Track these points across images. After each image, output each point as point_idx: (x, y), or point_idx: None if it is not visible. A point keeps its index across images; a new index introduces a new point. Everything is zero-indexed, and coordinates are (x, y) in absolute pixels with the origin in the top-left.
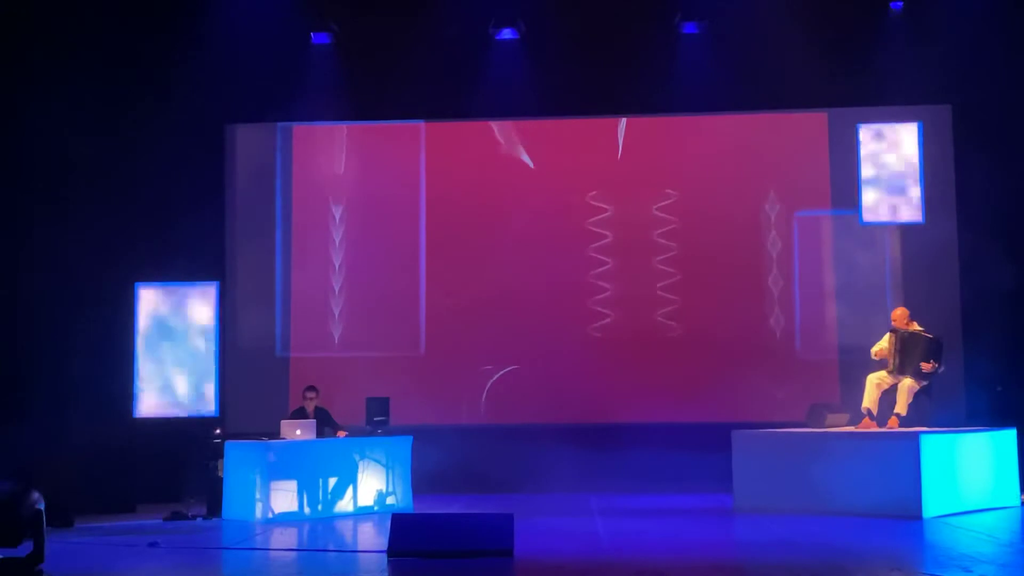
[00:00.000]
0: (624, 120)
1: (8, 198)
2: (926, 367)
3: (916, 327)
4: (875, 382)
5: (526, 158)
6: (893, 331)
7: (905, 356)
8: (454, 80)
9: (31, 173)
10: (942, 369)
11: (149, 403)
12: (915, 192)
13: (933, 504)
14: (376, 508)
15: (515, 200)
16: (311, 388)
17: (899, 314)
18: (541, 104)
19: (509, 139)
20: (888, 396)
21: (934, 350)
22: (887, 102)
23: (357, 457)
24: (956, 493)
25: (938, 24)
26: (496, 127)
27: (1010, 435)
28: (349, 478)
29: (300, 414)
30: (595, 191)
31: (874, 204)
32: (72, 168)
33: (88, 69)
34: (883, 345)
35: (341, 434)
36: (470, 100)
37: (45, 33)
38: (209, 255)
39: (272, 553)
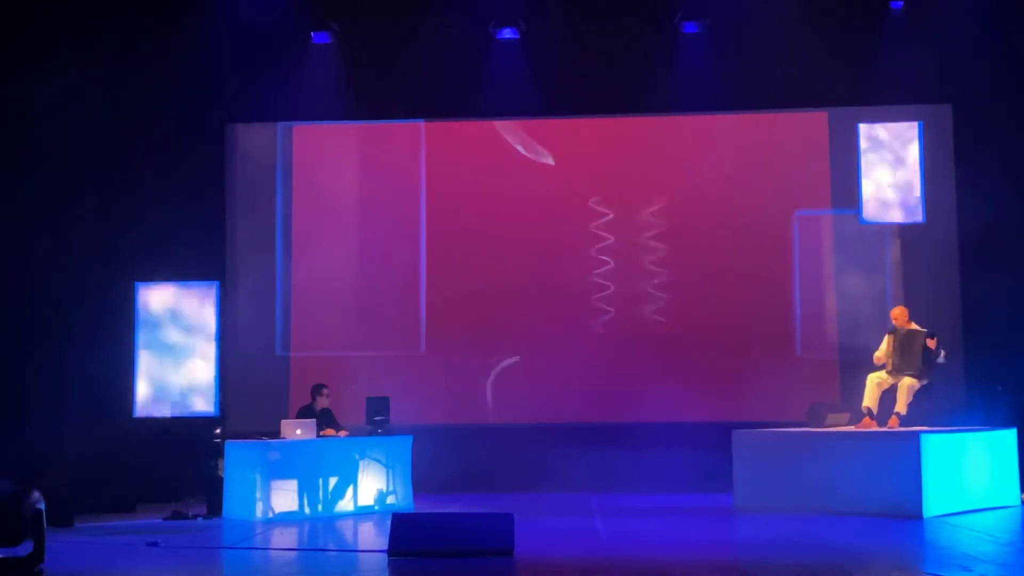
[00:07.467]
0: (623, 120)
1: (8, 197)
2: (931, 342)
3: (914, 326)
4: (875, 381)
5: (521, 148)
6: (891, 332)
7: (903, 354)
8: (454, 79)
9: (31, 172)
10: (944, 355)
11: (149, 403)
12: (915, 191)
13: (933, 503)
14: (376, 507)
15: (515, 199)
16: (325, 386)
17: (898, 313)
18: (541, 103)
19: (509, 138)
20: (889, 395)
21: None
22: (887, 101)
23: (357, 456)
24: (956, 493)
25: (938, 24)
26: (496, 126)
27: (1010, 435)
28: (349, 478)
29: (307, 412)
30: (595, 189)
31: (874, 203)
32: (72, 167)
33: (88, 68)
34: (883, 348)
35: (343, 433)
36: (470, 99)
37: (45, 32)
38: (209, 255)
39: (272, 553)
